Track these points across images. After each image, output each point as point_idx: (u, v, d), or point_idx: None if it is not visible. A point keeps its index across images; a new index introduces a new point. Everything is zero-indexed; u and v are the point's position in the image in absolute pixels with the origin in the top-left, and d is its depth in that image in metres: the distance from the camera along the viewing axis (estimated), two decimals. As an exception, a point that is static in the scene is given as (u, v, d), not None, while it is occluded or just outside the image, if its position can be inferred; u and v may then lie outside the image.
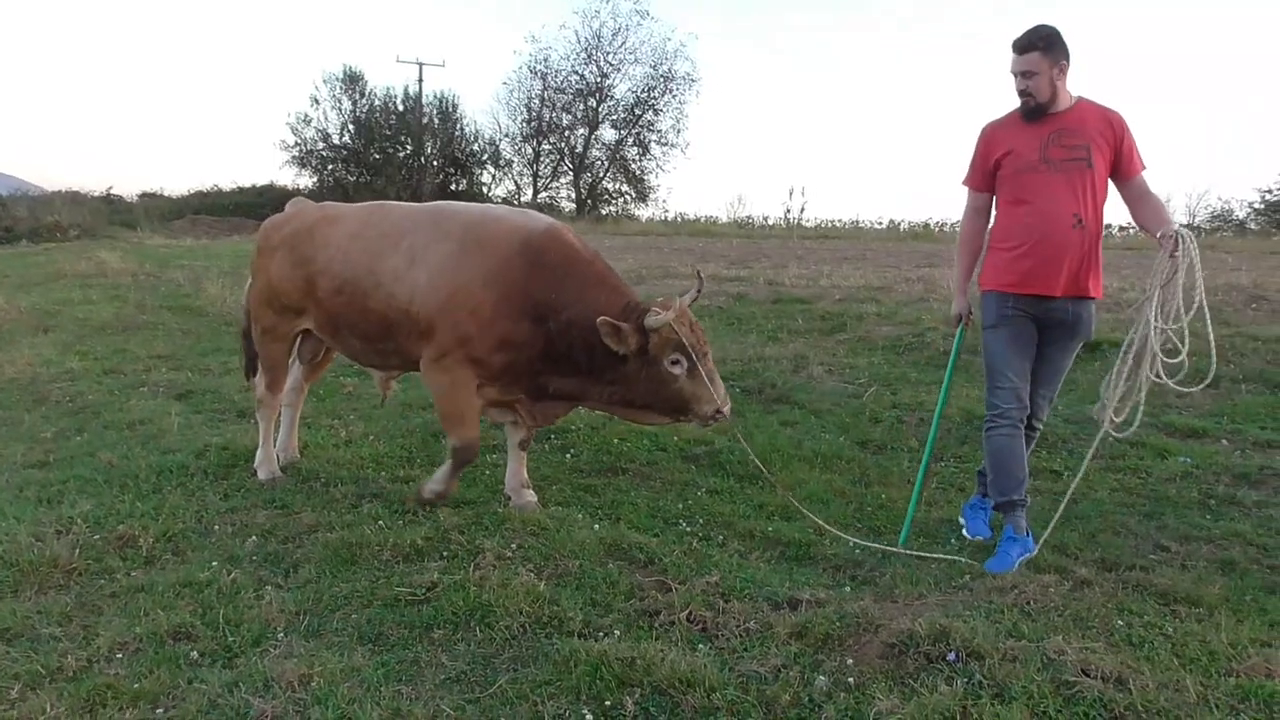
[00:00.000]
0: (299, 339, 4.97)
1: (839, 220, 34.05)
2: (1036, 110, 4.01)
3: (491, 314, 4.13)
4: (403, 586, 3.54)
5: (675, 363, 4.04)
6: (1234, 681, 2.91)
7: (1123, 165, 4.01)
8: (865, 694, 2.82)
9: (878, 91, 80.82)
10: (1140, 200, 4.06)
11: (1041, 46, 3.94)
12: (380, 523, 4.19)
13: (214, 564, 3.77)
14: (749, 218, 34.18)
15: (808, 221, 32.32)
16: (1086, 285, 4.01)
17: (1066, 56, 3.98)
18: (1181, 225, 3.89)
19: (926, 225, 31.67)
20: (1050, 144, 3.99)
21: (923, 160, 72.35)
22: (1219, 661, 3.04)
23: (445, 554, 3.88)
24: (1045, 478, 5.27)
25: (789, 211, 32.22)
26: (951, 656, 2.98)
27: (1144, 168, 4.05)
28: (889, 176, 69.92)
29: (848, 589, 3.68)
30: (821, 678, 2.92)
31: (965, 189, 4.30)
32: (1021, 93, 4.01)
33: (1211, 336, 3.78)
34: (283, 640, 3.19)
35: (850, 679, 2.91)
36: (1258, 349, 7.45)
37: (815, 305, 10.34)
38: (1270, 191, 31.61)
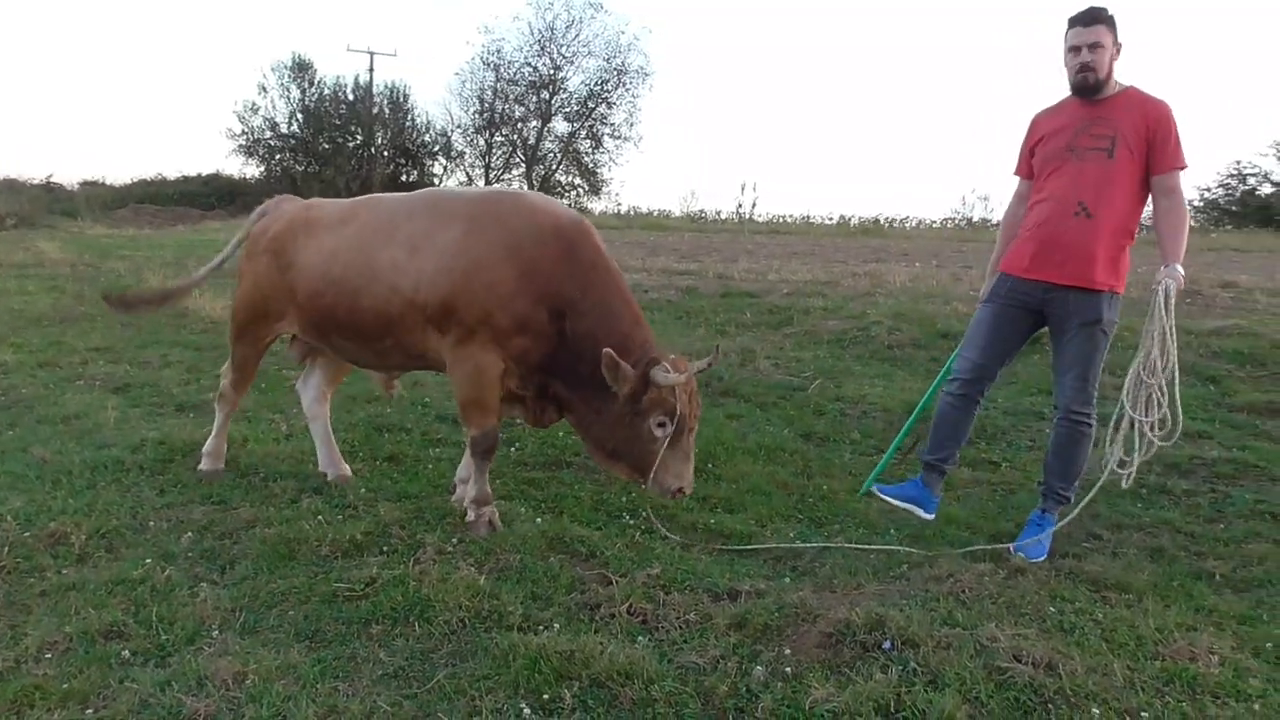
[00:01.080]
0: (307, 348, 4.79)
1: (790, 216, 34.32)
2: (1095, 87, 3.97)
3: (512, 290, 3.93)
4: (341, 582, 3.51)
5: (661, 425, 3.90)
6: (1160, 665, 3.00)
7: (1154, 158, 3.92)
8: (802, 683, 2.85)
9: (832, 87, 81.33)
10: (1160, 206, 3.97)
11: (1107, 20, 3.94)
12: (320, 518, 4.14)
13: (148, 561, 3.69)
14: (701, 212, 34.33)
15: (759, 217, 32.51)
16: (1091, 276, 3.95)
17: (1119, 43, 3.99)
18: (1168, 274, 3.83)
19: (876, 220, 32.06)
20: (1081, 132, 4.00)
21: (875, 156, 73.01)
22: (1146, 646, 3.12)
23: (385, 549, 3.86)
24: (983, 468, 5.36)
25: (740, 206, 32.35)
26: (887, 645, 3.03)
27: (1181, 167, 3.93)
28: (840, 173, 70.46)
29: (787, 580, 3.71)
30: (759, 668, 2.94)
31: (1016, 178, 4.38)
32: (1083, 65, 3.95)
33: (1177, 397, 3.90)
34: (217, 638, 3.14)
35: (787, 669, 2.95)
36: (1190, 342, 7.63)
37: (763, 299, 10.40)
38: (1209, 190, 32.47)
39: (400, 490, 4.63)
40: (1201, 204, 32.47)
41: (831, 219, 33.27)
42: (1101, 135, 3.95)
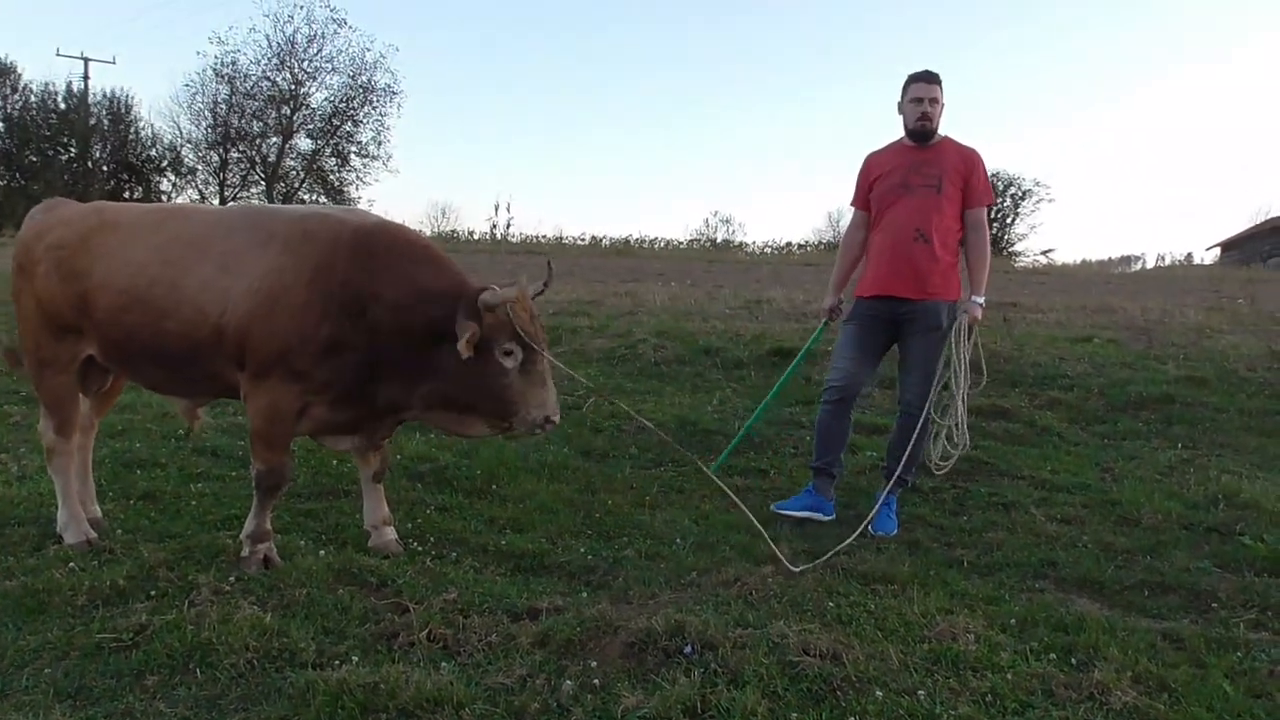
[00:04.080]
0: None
1: (544, 235, 34.73)
2: (929, 134, 4.71)
3: (319, 318, 3.64)
4: (105, 632, 3.20)
5: (508, 353, 3.61)
6: (927, 647, 3.28)
7: (968, 194, 4.70)
8: (611, 693, 2.89)
9: (579, 107, 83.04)
10: (970, 240, 4.74)
11: (940, 82, 4.70)
12: (71, 565, 3.76)
13: None
14: (454, 231, 33.99)
15: (513, 236, 32.65)
16: (932, 289, 4.64)
17: (943, 101, 4.72)
18: (968, 305, 4.66)
19: (627, 241, 33.10)
20: (912, 171, 4.70)
21: (623, 178, 75.33)
22: (914, 630, 3.41)
23: (154, 593, 3.55)
24: (754, 476, 5.66)
25: (495, 226, 32.37)
26: (688, 649, 3.14)
27: (989, 203, 4.78)
28: (588, 192, 72.19)
29: (584, 594, 3.76)
30: (568, 682, 2.96)
31: (852, 209, 5.05)
32: (922, 116, 4.68)
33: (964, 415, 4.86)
34: (-42, 706, 2.78)
35: (595, 680, 2.98)
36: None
37: (530, 319, 10.44)
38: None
39: (162, 530, 4.28)
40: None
41: (584, 239, 34.01)
42: (930, 175, 4.68)
